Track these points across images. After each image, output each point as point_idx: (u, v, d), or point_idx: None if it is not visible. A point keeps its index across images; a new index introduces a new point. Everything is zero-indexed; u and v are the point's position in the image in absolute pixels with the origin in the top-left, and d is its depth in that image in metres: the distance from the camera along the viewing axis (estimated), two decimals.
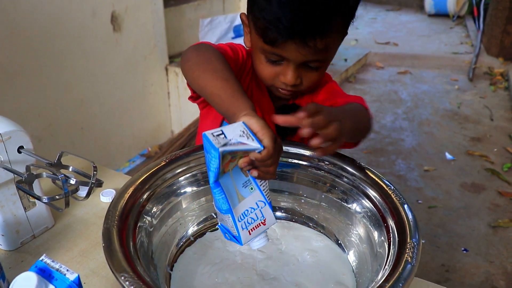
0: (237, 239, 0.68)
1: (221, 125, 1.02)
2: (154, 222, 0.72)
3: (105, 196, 0.98)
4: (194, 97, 0.95)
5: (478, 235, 2.13)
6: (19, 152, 0.79)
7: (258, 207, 0.68)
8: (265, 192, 0.69)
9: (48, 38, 1.95)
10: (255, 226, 0.68)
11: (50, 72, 1.99)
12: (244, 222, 0.67)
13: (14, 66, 1.82)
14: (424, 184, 2.55)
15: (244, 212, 0.67)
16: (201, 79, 0.78)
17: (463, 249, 2.03)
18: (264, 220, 0.69)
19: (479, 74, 4.37)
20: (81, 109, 2.21)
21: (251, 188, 0.67)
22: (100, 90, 2.26)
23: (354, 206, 0.76)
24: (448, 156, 2.86)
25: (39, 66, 1.93)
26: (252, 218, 0.68)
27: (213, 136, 0.60)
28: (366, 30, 6.04)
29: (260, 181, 0.68)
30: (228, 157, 0.62)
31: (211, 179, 0.62)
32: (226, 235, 0.70)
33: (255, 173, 0.63)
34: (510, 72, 4.25)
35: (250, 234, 0.68)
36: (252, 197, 0.68)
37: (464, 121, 3.37)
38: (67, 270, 0.53)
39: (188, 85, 0.89)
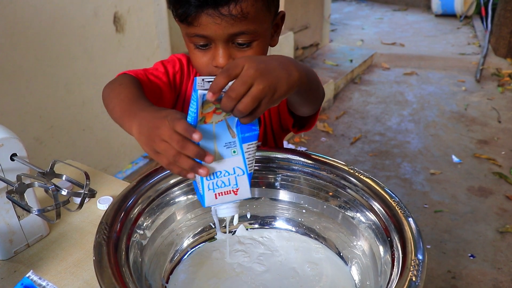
0: (201, 199, 0.63)
1: None
2: (148, 234, 0.69)
3: (102, 204, 0.96)
4: None
5: (485, 240, 2.09)
6: (12, 159, 0.77)
7: (235, 173, 0.63)
8: (248, 161, 0.63)
9: (49, 38, 1.93)
10: (224, 192, 0.63)
11: (51, 73, 1.97)
12: (213, 182, 0.62)
13: (14, 66, 1.80)
14: (430, 188, 2.51)
15: (216, 173, 0.62)
16: (113, 112, 0.77)
17: (470, 255, 1.99)
18: (237, 189, 0.63)
19: (487, 75, 4.32)
20: (83, 111, 2.19)
21: (234, 151, 0.62)
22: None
23: (357, 218, 0.73)
24: (455, 159, 2.82)
25: (40, 67, 1.91)
26: (223, 181, 0.63)
27: (203, 81, 0.57)
28: (372, 31, 5.99)
29: (248, 147, 0.63)
30: (212, 106, 0.58)
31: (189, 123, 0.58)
32: (196, 193, 0.65)
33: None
34: None
35: (216, 198, 0.63)
36: (231, 160, 0.62)
37: (471, 123, 3.32)
38: None
39: None
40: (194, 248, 0.78)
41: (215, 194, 0.63)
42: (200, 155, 0.57)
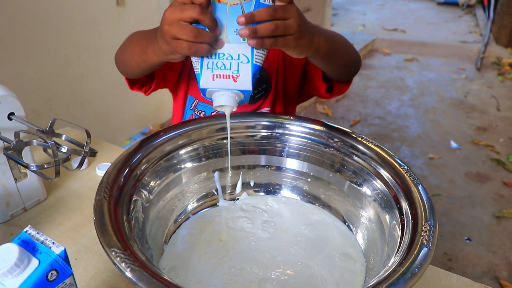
0: (198, 79, 0.61)
1: (184, 104, 1.01)
2: (151, 196, 0.67)
3: (101, 170, 0.94)
4: (147, 88, 0.96)
5: (481, 225, 2.10)
6: (9, 119, 0.75)
7: (239, 59, 0.61)
8: (257, 52, 0.61)
9: (49, 8, 1.88)
10: (223, 75, 0.61)
11: (49, 44, 1.93)
12: (213, 62, 0.60)
13: (11, 36, 1.76)
14: (429, 172, 2.50)
15: (218, 54, 0.60)
16: (131, 58, 0.79)
17: (466, 238, 1.99)
18: (237, 76, 0.61)
19: (487, 64, 4.30)
20: (82, 84, 2.15)
21: (244, 39, 0.60)
22: (102, 65, 2.20)
23: (364, 187, 0.71)
24: (453, 144, 2.81)
25: (38, 38, 1.87)
26: (224, 64, 0.60)
27: None
28: (373, 16, 5.94)
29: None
30: None
31: None
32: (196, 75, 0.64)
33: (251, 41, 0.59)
34: None
35: (213, 80, 0.61)
36: (237, 47, 0.60)
37: (470, 110, 3.31)
38: (53, 243, 0.48)
39: (131, 86, 0.93)
40: (196, 214, 0.76)
41: (213, 75, 0.61)
42: (198, 13, 0.57)
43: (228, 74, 0.61)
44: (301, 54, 0.67)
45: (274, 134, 0.78)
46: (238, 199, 0.81)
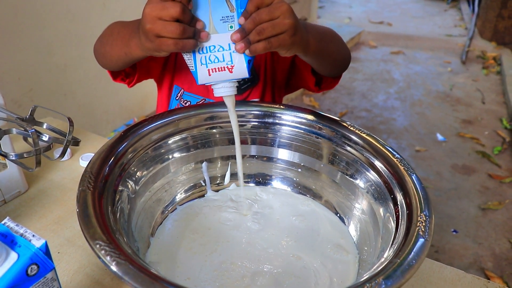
0: (195, 76, 0.61)
1: (170, 94, 0.99)
2: (137, 187, 0.64)
3: (85, 161, 0.91)
4: (130, 80, 0.92)
5: (467, 216, 2.11)
6: None
7: (230, 49, 0.60)
8: None
9: None
10: (218, 68, 0.60)
11: (31, 32, 1.87)
12: (205, 56, 0.60)
13: None
14: (415, 164, 2.51)
15: (209, 47, 0.59)
16: (112, 50, 0.76)
17: (452, 230, 2.01)
18: (232, 66, 0.60)
19: (472, 57, 4.33)
20: (65, 74, 2.10)
21: (231, 27, 0.59)
22: (86, 55, 2.14)
23: (357, 177, 0.69)
24: (440, 137, 2.82)
25: (19, 26, 1.81)
26: (216, 57, 0.60)
27: None
28: (360, 9, 5.94)
29: None
30: None
31: None
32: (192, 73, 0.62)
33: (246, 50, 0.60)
34: (502, 56, 4.22)
35: (209, 75, 0.60)
36: (227, 36, 0.59)
37: (456, 103, 3.33)
38: (33, 235, 0.46)
39: (114, 78, 0.89)
40: (184, 205, 0.74)
41: (208, 70, 0.60)
42: (179, 13, 0.55)
43: (223, 66, 0.60)
44: (293, 52, 0.66)
45: (265, 123, 0.75)
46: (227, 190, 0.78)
